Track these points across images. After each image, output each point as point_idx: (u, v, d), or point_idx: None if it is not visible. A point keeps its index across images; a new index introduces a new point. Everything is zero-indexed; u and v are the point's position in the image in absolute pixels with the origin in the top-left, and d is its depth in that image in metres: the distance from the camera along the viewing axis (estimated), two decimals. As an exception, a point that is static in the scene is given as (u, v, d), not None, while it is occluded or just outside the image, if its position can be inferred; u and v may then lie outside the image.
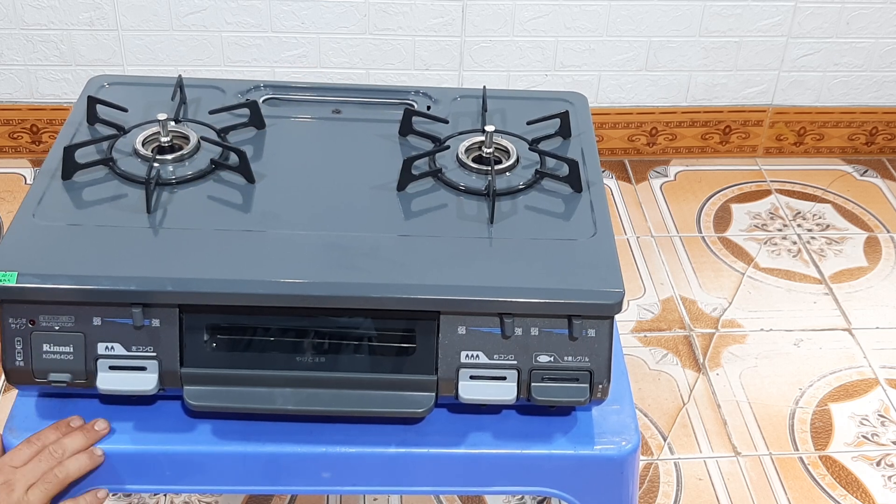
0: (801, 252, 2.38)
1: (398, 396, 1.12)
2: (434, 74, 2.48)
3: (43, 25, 2.37)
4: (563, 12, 2.43)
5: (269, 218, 1.18)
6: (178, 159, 1.25)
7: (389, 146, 1.32)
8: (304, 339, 1.11)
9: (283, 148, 1.30)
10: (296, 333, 1.11)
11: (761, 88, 2.60)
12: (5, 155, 2.54)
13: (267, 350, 1.12)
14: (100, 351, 1.10)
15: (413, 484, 1.17)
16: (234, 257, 1.11)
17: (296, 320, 1.11)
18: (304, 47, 2.43)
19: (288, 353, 1.12)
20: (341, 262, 1.11)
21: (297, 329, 1.11)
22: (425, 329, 1.11)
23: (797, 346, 2.14)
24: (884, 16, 2.52)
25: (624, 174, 2.62)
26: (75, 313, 1.09)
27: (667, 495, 1.82)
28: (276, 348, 1.12)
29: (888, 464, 1.89)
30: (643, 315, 2.19)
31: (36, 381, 1.11)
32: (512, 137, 1.31)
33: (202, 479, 1.15)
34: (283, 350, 1.12)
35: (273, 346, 1.12)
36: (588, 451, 1.15)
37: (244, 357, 1.12)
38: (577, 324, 1.09)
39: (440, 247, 1.15)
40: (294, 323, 1.11)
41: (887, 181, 2.63)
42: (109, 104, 1.32)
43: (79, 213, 1.17)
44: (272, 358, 1.12)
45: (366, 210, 1.20)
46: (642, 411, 1.97)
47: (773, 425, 1.96)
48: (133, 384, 1.10)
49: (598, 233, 1.18)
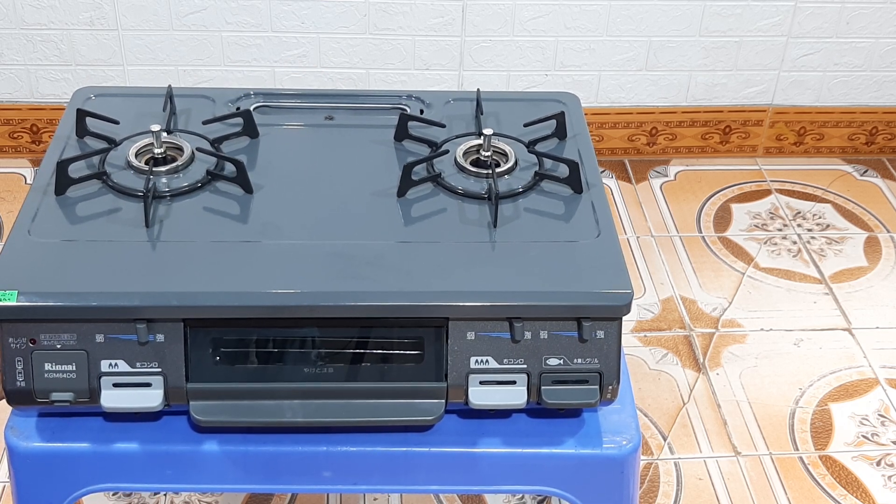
0: (801, 252, 2.38)
1: (407, 405, 1.11)
2: (434, 74, 2.48)
3: (43, 25, 2.37)
4: (563, 12, 2.43)
5: (270, 228, 1.17)
6: (173, 171, 1.24)
7: (385, 151, 1.32)
8: (311, 351, 1.11)
9: (278, 157, 1.30)
10: (303, 345, 1.11)
11: (761, 88, 2.60)
12: (5, 155, 2.54)
13: (274, 362, 1.11)
14: (103, 368, 1.09)
15: (413, 483, 1.17)
16: (238, 269, 1.11)
17: (302, 331, 1.10)
18: (304, 47, 2.43)
19: (295, 364, 1.11)
20: (346, 271, 1.11)
21: (304, 340, 1.11)
22: (434, 336, 1.10)
23: (797, 346, 2.14)
24: (884, 16, 2.52)
25: (624, 174, 2.62)
26: (77, 331, 1.08)
27: (667, 495, 1.82)
28: (283, 360, 1.11)
29: (888, 464, 1.89)
30: (643, 315, 2.19)
31: (38, 402, 1.10)
32: (509, 140, 1.31)
33: (202, 478, 1.15)
34: (291, 362, 1.11)
35: (280, 357, 1.11)
36: (589, 451, 1.15)
37: (251, 370, 1.11)
38: (587, 326, 1.09)
39: (445, 252, 1.15)
40: (301, 334, 1.11)
41: (887, 181, 2.63)
42: (101, 117, 1.32)
43: (75, 228, 1.17)
44: (279, 370, 1.11)
45: (367, 217, 1.20)
46: (642, 411, 1.97)
47: (773, 425, 1.96)
48: (138, 401, 1.09)
49: (602, 234, 1.18)
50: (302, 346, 1.11)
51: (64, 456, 1.14)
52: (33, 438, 1.13)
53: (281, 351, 1.11)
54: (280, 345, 1.11)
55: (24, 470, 1.14)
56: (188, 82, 2.45)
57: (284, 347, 1.11)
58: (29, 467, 1.14)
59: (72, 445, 1.14)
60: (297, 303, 1.08)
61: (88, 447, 1.13)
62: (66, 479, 1.15)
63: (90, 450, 1.13)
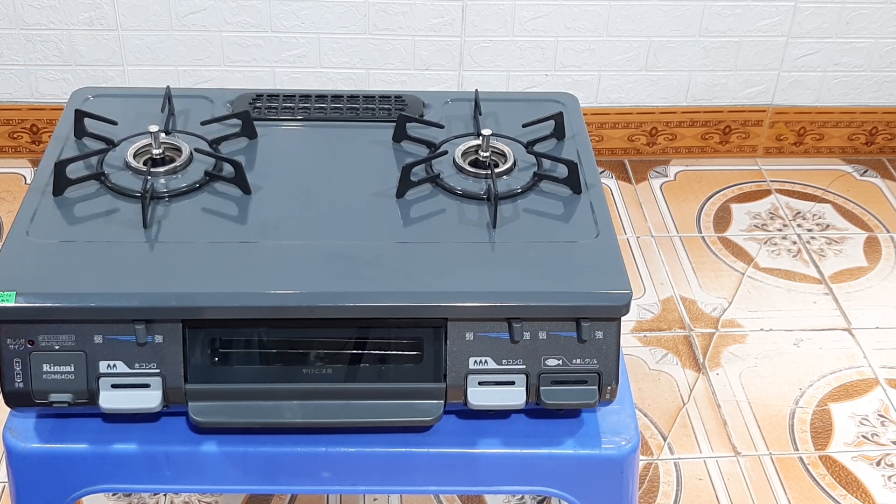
0: (801, 252, 2.38)
1: (406, 405, 1.11)
2: (434, 74, 2.48)
3: (43, 25, 2.37)
4: (563, 12, 2.43)
5: (268, 229, 1.17)
6: (171, 172, 1.24)
7: (384, 152, 1.31)
8: (309, 351, 1.11)
9: (276, 157, 1.29)
10: (301, 345, 1.11)
11: (761, 88, 2.60)
12: (5, 155, 2.54)
13: (273, 363, 1.11)
14: (101, 369, 1.09)
15: (412, 484, 1.17)
16: (237, 270, 1.11)
17: (301, 332, 1.10)
18: (304, 47, 2.43)
19: (294, 365, 1.11)
20: (345, 271, 1.11)
21: (303, 341, 1.11)
22: (433, 336, 1.10)
23: (797, 346, 2.14)
24: (884, 16, 2.52)
25: (624, 174, 2.62)
26: (75, 332, 1.08)
27: (667, 495, 1.82)
28: (282, 361, 1.11)
29: (888, 464, 1.89)
30: (643, 315, 2.19)
31: (36, 403, 1.10)
32: (507, 140, 1.31)
33: (202, 479, 1.15)
34: (290, 362, 1.11)
35: (279, 358, 1.11)
36: (588, 451, 1.15)
37: (250, 371, 1.11)
38: (586, 326, 1.09)
39: (444, 253, 1.15)
40: (299, 335, 1.11)
41: (887, 181, 2.63)
42: (99, 117, 1.31)
43: (73, 229, 1.16)
44: (278, 371, 1.11)
45: (366, 218, 1.20)
46: (642, 411, 1.97)
47: (773, 425, 1.96)
48: (136, 402, 1.09)
49: (601, 234, 1.18)
50: (301, 347, 1.11)
51: (63, 457, 1.14)
52: (32, 439, 1.13)
53: (280, 351, 1.11)
54: (279, 345, 1.11)
55: (23, 471, 1.14)
56: (188, 82, 2.45)
57: (283, 348, 1.11)
58: (28, 468, 1.14)
59: (70, 446, 1.13)
60: (296, 303, 1.08)
61: (87, 448, 1.13)
62: (65, 479, 1.15)
63: (89, 451, 1.13)
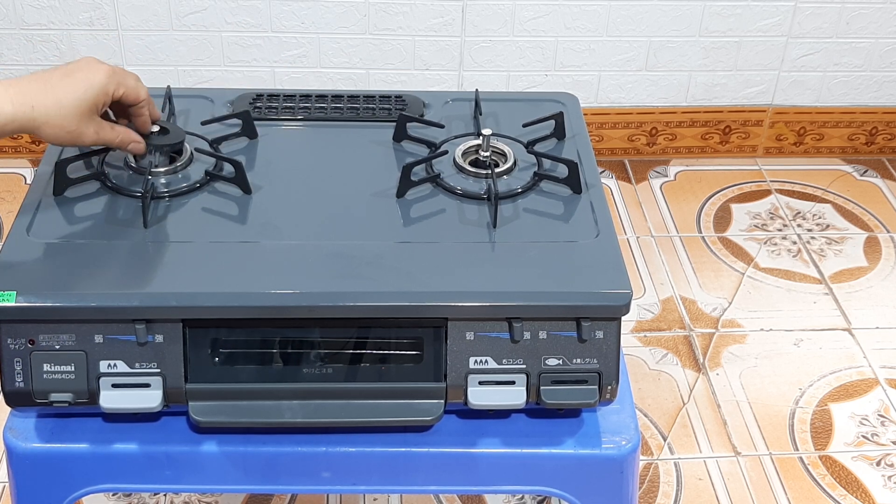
0: (801, 252, 2.38)
1: (406, 405, 1.11)
2: (434, 74, 2.48)
3: (43, 25, 2.37)
4: (563, 12, 2.43)
5: (268, 229, 1.17)
6: (172, 171, 1.24)
7: (384, 152, 1.31)
8: (310, 351, 1.11)
9: (276, 157, 1.29)
10: (302, 345, 1.11)
11: (761, 88, 2.60)
12: (5, 155, 2.54)
13: (273, 363, 1.11)
14: (102, 369, 1.09)
15: (412, 483, 1.17)
16: (237, 270, 1.11)
17: (302, 332, 1.10)
18: (304, 47, 2.43)
19: (294, 365, 1.11)
20: (346, 271, 1.11)
21: (303, 341, 1.11)
22: (433, 336, 1.10)
23: (797, 346, 2.14)
24: (884, 16, 2.52)
25: (624, 174, 2.62)
26: (76, 331, 1.07)
27: (667, 495, 1.82)
28: (282, 360, 1.11)
29: (888, 464, 1.89)
30: (643, 315, 2.19)
31: (36, 403, 1.09)
32: (508, 140, 1.31)
33: (202, 478, 1.15)
34: (290, 362, 1.11)
35: (279, 358, 1.11)
36: (588, 451, 1.15)
37: (250, 371, 1.11)
38: (586, 326, 1.09)
39: (444, 253, 1.15)
40: (300, 334, 1.10)
41: (887, 181, 2.63)
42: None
43: (74, 229, 1.16)
44: (279, 371, 1.11)
45: (366, 218, 1.19)
46: (642, 411, 1.97)
47: (773, 425, 1.96)
48: (137, 402, 1.09)
49: (601, 234, 1.18)
50: (301, 347, 1.11)
51: (63, 457, 1.14)
52: (32, 439, 1.13)
53: (280, 351, 1.11)
54: (279, 345, 1.11)
55: (23, 471, 1.14)
56: (188, 82, 2.45)
57: (283, 348, 1.11)
58: (28, 468, 1.14)
59: (71, 446, 1.13)
60: (297, 303, 1.08)
61: (87, 448, 1.13)
62: (65, 479, 1.15)
63: (89, 450, 1.13)
